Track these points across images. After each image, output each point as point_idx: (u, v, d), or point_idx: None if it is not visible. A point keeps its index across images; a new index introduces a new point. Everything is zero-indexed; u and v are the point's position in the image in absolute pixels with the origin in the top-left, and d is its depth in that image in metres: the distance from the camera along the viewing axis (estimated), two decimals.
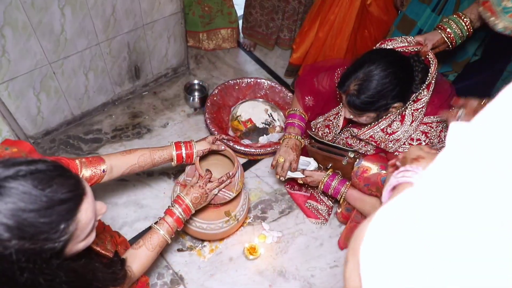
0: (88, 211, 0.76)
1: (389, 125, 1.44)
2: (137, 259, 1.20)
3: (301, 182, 1.79)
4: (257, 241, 1.81)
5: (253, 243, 1.77)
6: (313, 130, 1.79)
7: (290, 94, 2.27)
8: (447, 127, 1.49)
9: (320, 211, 1.90)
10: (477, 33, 1.72)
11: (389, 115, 1.41)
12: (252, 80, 2.29)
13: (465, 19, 1.40)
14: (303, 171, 1.74)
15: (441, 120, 1.46)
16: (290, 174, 1.76)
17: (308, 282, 1.73)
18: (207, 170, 1.42)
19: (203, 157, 1.55)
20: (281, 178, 1.70)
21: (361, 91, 1.31)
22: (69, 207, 0.72)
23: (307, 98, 1.75)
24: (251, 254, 1.74)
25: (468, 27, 1.40)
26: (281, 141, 1.74)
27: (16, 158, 0.71)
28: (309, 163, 1.76)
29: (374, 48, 1.50)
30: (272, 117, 2.24)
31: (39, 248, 0.68)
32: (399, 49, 1.43)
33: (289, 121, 1.77)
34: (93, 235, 0.82)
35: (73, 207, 0.73)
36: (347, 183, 1.66)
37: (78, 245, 0.78)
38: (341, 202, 1.71)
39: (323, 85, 1.69)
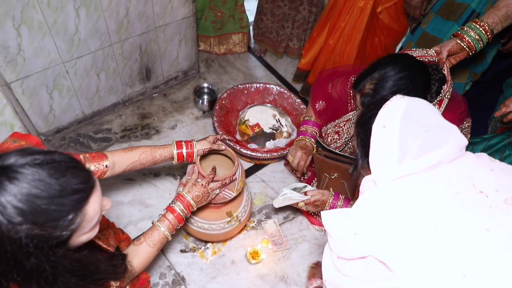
0: (95, 204, 0.78)
1: None
2: (138, 255, 1.21)
3: (304, 208, 1.61)
4: (260, 246, 1.80)
5: (256, 248, 1.77)
6: (323, 135, 1.79)
7: (298, 100, 2.28)
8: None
9: None
10: (494, 43, 1.71)
11: None
12: (261, 85, 2.30)
13: (482, 24, 1.38)
14: (305, 193, 1.59)
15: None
16: (290, 196, 1.57)
17: None
18: (213, 168, 1.43)
19: (203, 157, 1.56)
20: (275, 204, 1.63)
21: (376, 90, 1.28)
22: (80, 197, 0.74)
23: (318, 103, 1.76)
24: (253, 258, 1.73)
25: (486, 31, 1.38)
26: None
27: (34, 148, 0.74)
28: (306, 186, 1.62)
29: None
30: (280, 123, 2.25)
31: (47, 235, 0.70)
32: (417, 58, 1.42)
33: (302, 129, 1.81)
34: (97, 229, 0.84)
35: (84, 198, 0.75)
36: (352, 202, 1.64)
37: (81, 237, 0.80)
38: None
39: (336, 91, 1.69)
